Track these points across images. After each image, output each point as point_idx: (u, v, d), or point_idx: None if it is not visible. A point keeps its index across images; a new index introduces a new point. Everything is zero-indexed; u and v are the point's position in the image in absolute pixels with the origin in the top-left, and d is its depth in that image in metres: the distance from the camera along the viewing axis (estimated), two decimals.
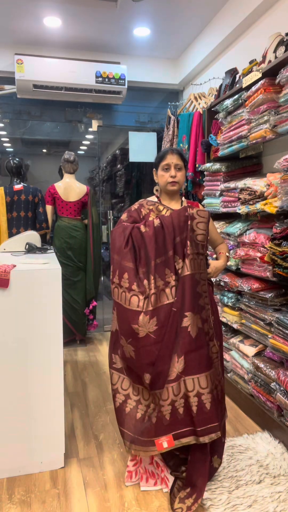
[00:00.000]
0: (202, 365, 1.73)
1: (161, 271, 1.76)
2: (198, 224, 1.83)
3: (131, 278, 1.74)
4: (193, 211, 1.84)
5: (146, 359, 1.73)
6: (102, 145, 5.32)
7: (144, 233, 1.80)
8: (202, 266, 1.82)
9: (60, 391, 1.98)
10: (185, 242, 1.79)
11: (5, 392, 1.91)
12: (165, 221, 1.82)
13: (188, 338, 1.72)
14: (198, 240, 1.81)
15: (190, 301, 1.74)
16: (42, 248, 2.84)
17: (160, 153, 2.02)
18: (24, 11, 3.39)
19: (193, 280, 1.76)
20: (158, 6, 3.30)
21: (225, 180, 2.85)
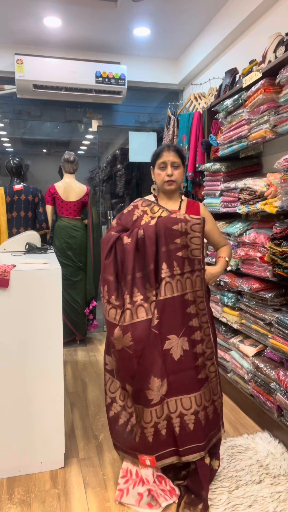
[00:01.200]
0: (187, 387, 1.70)
1: (140, 285, 1.70)
2: (193, 239, 1.71)
3: (110, 290, 1.72)
4: (187, 226, 1.70)
5: (125, 372, 1.73)
6: (102, 145, 5.32)
7: (125, 246, 1.73)
8: (198, 283, 1.72)
9: (60, 391, 1.98)
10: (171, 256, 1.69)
11: (5, 392, 1.91)
12: (147, 232, 1.71)
13: (170, 361, 1.69)
14: (193, 255, 1.70)
15: (173, 324, 1.69)
16: (42, 248, 2.84)
17: (156, 150, 1.92)
18: (24, 11, 3.39)
19: (180, 302, 1.69)
20: (158, 6, 3.30)
21: (225, 180, 2.85)
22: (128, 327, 1.68)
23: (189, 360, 1.71)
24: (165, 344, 1.68)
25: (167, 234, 1.70)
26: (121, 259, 1.73)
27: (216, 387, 1.80)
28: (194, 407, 1.70)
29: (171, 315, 1.69)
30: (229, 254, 1.97)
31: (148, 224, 1.75)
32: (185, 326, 1.70)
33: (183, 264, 1.70)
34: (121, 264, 1.73)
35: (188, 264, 1.70)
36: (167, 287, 1.69)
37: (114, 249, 1.75)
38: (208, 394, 1.77)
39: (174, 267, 1.70)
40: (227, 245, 2.00)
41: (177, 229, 1.70)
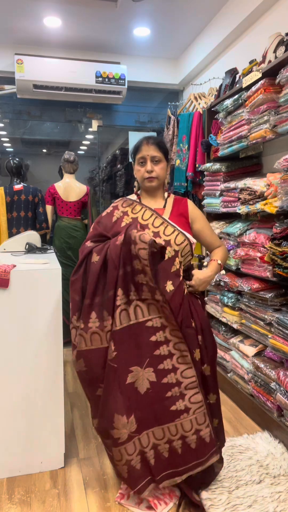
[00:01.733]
0: (159, 419, 1.55)
1: (98, 311, 1.54)
2: (145, 268, 1.49)
3: (73, 309, 1.59)
4: (135, 249, 1.47)
5: (89, 395, 1.63)
6: (102, 145, 5.32)
7: (91, 264, 1.56)
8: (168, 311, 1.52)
9: (60, 391, 1.98)
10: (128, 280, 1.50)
11: (5, 392, 1.91)
12: (111, 252, 1.52)
13: (135, 396, 1.52)
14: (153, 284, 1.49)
15: (133, 355, 1.52)
16: (42, 248, 2.84)
17: (135, 144, 1.75)
18: (24, 11, 3.39)
19: (140, 329, 1.52)
20: (158, 6, 3.30)
21: (225, 180, 2.85)
22: (83, 352, 1.56)
23: (158, 392, 1.54)
24: (127, 378, 1.52)
25: (124, 252, 1.51)
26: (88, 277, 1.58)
27: (202, 416, 1.57)
28: (168, 436, 1.57)
29: (130, 345, 1.52)
30: (223, 257, 1.79)
31: (115, 242, 1.55)
32: (149, 356, 1.52)
33: (141, 290, 1.51)
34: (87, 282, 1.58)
35: (149, 291, 1.51)
36: (123, 315, 1.51)
37: (84, 265, 1.59)
38: (188, 425, 1.57)
39: (130, 291, 1.52)
40: (221, 247, 1.83)
41: (132, 251, 1.49)
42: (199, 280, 1.64)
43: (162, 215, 1.68)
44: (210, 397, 1.68)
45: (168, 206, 1.73)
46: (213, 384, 1.69)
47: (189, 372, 1.54)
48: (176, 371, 1.53)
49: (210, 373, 1.65)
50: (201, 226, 1.76)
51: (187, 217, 1.72)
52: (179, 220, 1.69)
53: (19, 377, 1.92)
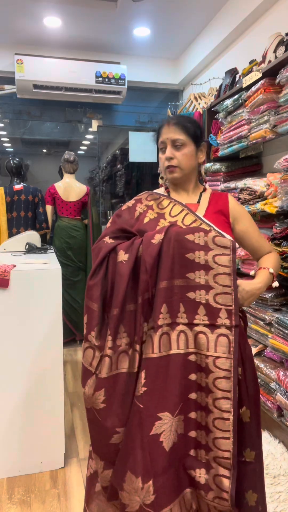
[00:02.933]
0: (177, 488, 1.14)
1: (128, 323, 1.19)
2: (218, 278, 1.14)
3: (91, 323, 1.21)
4: (207, 256, 1.14)
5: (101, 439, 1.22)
6: (102, 145, 5.32)
7: (119, 265, 1.20)
8: (222, 346, 1.12)
9: (60, 391, 1.98)
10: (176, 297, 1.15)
11: (5, 392, 1.91)
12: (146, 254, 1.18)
13: (159, 454, 1.10)
14: (217, 303, 1.13)
15: (167, 396, 1.13)
16: (42, 248, 2.84)
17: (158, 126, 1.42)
18: (24, 11, 3.39)
19: (180, 363, 1.14)
20: (158, 6, 3.30)
21: (225, 180, 2.85)
22: (106, 380, 1.16)
23: (182, 448, 1.15)
24: (153, 428, 1.11)
25: (175, 262, 1.16)
26: (112, 281, 1.22)
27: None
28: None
29: (164, 382, 1.13)
30: (275, 264, 1.38)
31: (150, 239, 1.20)
32: (184, 399, 1.14)
33: (195, 311, 1.14)
34: (111, 288, 1.21)
35: (206, 313, 1.14)
36: (164, 340, 1.14)
37: (105, 265, 1.23)
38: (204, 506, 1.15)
39: (178, 312, 1.15)
40: (272, 253, 1.43)
41: (192, 259, 1.15)
42: (245, 292, 1.23)
43: (195, 211, 1.34)
44: (247, 454, 1.19)
45: (204, 202, 1.40)
46: (253, 435, 1.20)
47: (223, 444, 1.10)
48: (209, 434, 1.12)
49: (250, 420, 1.19)
50: (246, 227, 1.40)
51: (227, 216, 1.38)
52: (217, 218, 1.35)
53: (19, 377, 1.92)
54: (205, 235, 1.16)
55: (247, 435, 1.19)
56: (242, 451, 1.19)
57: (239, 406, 1.18)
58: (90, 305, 1.23)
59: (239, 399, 1.17)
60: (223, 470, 1.09)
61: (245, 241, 1.41)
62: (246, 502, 1.19)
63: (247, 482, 1.19)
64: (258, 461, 1.21)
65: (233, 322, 1.11)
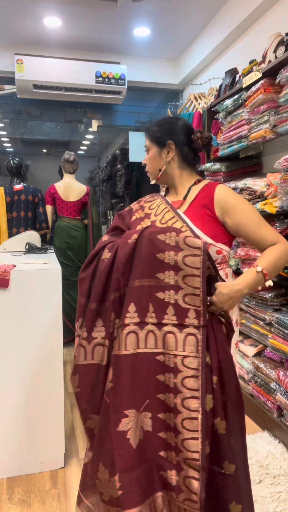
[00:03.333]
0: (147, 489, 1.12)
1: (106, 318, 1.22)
2: (187, 280, 1.12)
3: (78, 313, 1.28)
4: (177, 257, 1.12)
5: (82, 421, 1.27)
6: (102, 145, 5.32)
7: (101, 262, 1.25)
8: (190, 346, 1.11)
9: (60, 391, 1.98)
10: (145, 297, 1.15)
11: (5, 392, 1.91)
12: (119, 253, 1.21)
13: (125, 449, 1.11)
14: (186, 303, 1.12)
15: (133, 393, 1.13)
16: (42, 248, 2.84)
17: None
18: (24, 11, 3.39)
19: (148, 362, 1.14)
20: (158, 6, 3.30)
21: (225, 180, 2.85)
22: (78, 367, 1.23)
23: (151, 447, 1.12)
24: (119, 424, 1.12)
25: (146, 262, 1.16)
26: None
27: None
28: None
29: (130, 380, 1.14)
30: (273, 260, 1.24)
31: (127, 239, 1.22)
32: (151, 397, 1.13)
33: (164, 311, 1.14)
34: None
35: (175, 313, 1.13)
36: (130, 338, 1.15)
37: (96, 262, 1.28)
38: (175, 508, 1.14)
39: (148, 312, 1.15)
40: (276, 245, 1.28)
41: (161, 259, 1.14)
42: (222, 295, 1.16)
43: (179, 207, 1.33)
44: (226, 466, 1.14)
45: (191, 196, 1.35)
46: (232, 448, 1.15)
47: (192, 445, 1.08)
48: (178, 435, 1.11)
49: (227, 431, 1.14)
50: (238, 219, 1.27)
51: (212, 210, 1.29)
52: (199, 212, 1.29)
53: (19, 377, 1.92)
54: (177, 235, 1.15)
55: (225, 447, 1.14)
56: (221, 463, 1.15)
57: (214, 416, 1.14)
58: (79, 297, 1.28)
59: (213, 409, 1.14)
60: (192, 471, 1.08)
61: (242, 235, 1.30)
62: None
63: (228, 494, 1.15)
64: (241, 475, 1.16)
65: (201, 322, 1.11)
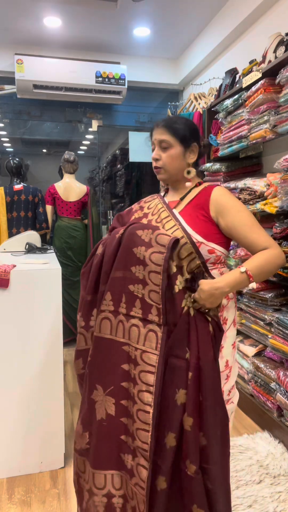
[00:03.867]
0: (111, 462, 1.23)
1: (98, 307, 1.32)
2: (151, 276, 1.15)
3: (79, 306, 1.37)
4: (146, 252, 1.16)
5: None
6: (102, 145, 5.32)
7: (95, 257, 1.34)
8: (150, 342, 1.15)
9: (60, 391, 1.98)
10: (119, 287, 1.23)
11: (5, 392, 1.91)
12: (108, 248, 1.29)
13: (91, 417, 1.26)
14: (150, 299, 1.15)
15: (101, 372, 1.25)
16: (42, 248, 2.84)
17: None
18: (24, 11, 3.39)
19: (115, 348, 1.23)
20: (158, 6, 3.30)
21: (225, 180, 2.85)
22: (80, 352, 1.36)
23: (113, 430, 1.22)
24: (92, 393, 1.26)
25: (124, 255, 1.22)
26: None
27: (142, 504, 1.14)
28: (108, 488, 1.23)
29: (101, 360, 1.25)
30: (262, 264, 1.22)
31: (115, 233, 1.29)
32: (115, 384, 1.21)
33: (133, 303, 1.19)
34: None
35: (141, 307, 1.17)
36: (104, 324, 1.25)
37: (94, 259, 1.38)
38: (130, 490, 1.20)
39: (121, 302, 1.22)
40: (268, 249, 1.25)
41: (135, 253, 1.19)
42: (203, 292, 1.16)
43: (175, 207, 1.36)
44: (187, 465, 1.12)
45: (188, 198, 1.37)
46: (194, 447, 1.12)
47: (142, 436, 1.14)
48: (133, 423, 1.17)
49: (192, 429, 1.12)
50: (231, 221, 1.27)
51: (207, 210, 1.30)
52: (194, 212, 1.31)
53: (19, 377, 1.92)
54: (152, 232, 1.19)
55: (189, 445, 1.12)
56: (184, 460, 1.13)
57: (182, 411, 1.14)
58: (81, 292, 1.37)
59: (184, 405, 1.14)
60: (143, 460, 1.14)
61: (234, 237, 1.30)
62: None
63: (190, 496, 1.13)
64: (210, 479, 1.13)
65: (161, 320, 1.14)
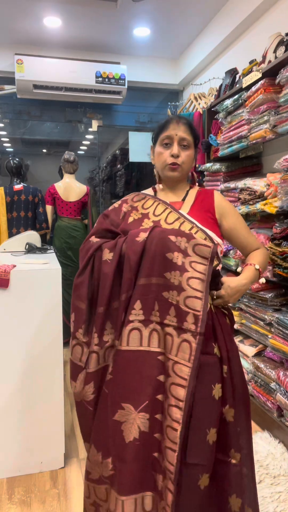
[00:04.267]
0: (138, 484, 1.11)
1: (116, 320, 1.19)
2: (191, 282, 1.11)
3: (77, 321, 1.23)
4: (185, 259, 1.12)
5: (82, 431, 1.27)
6: (102, 145, 5.32)
7: (103, 264, 1.21)
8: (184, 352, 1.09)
9: (60, 391, 1.98)
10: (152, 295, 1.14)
11: (5, 392, 1.91)
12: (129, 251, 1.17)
13: (118, 441, 1.12)
14: (187, 306, 1.10)
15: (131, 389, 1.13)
16: (42, 248, 2.84)
17: (162, 121, 1.37)
18: (24, 11, 3.39)
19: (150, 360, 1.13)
20: (158, 6, 3.30)
21: (225, 180, 2.85)
22: (92, 374, 1.19)
23: (146, 448, 1.11)
24: (116, 414, 1.13)
25: (155, 260, 1.15)
26: (98, 279, 1.23)
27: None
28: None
29: (130, 375, 1.13)
30: (262, 261, 1.36)
31: (134, 237, 1.20)
32: (150, 398, 1.11)
33: (167, 311, 1.13)
34: (97, 286, 1.23)
35: (176, 315, 1.12)
36: (133, 335, 1.14)
37: (92, 264, 1.24)
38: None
39: (153, 310, 1.14)
40: (260, 249, 1.41)
41: (170, 258, 1.13)
42: (230, 289, 1.22)
43: (179, 209, 1.33)
44: (232, 454, 1.17)
45: (189, 199, 1.38)
46: (238, 436, 1.19)
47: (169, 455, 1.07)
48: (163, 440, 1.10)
49: (234, 419, 1.18)
50: (233, 223, 1.36)
51: (213, 212, 1.35)
52: (202, 215, 1.33)
53: (19, 377, 1.92)
54: (187, 241, 1.15)
55: (231, 435, 1.17)
56: (227, 451, 1.17)
57: (223, 404, 1.16)
58: (77, 304, 1.23)
59: (222, 397, 1.16)
60: (170, 483, 1.06)
61: (233, 238, 1.38)
62: (230, 507, 1.15)
63: (231, 486, 1.15)
64: (245, 464, 1.18)
65: (198, 328, 1.08)
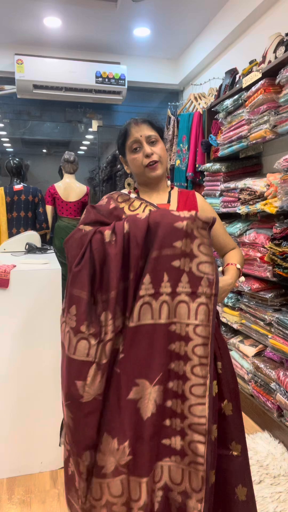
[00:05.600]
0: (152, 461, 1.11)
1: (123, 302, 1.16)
2: (202, 248, 1.14)
3: (80, 314, 1.14)
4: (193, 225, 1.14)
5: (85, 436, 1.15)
6: (102, 145, 5.32)
7: (107, 246, 1.16)
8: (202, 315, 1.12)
9: (60, 391, 1.98)
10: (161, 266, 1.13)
11: (5, 392, 1.91)
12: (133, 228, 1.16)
13: (135, 420, 1.10)
14: (200, 271, 1.12)
15: (145, 364, 1.12)
16: (42, 248, 2.84)
17: (120, 130, 1.39)
18: (24, 11, 3.39)
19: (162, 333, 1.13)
20: (158, 6, 3.30)
21: (225, 180, 2.85)
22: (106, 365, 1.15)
23: (158, 418, 1.12)
24: (130, 392, 1.11)
25: (164, 232, 1.14)
26: (100, 264, 1.16)
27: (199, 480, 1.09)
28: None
29: (143, 351, 1.12)
30: (240, 260, 1.42)
31: (135, 216, 1.19)
32: (163, 369, 1.12)
33: (178, 280, 1.13)
34: (100, 273, 1.16)
35: (189, 281, 1.13)
36: (144, 310, 1.12)
37: (89, 250, 1.17)
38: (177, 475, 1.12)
39: (162, 282, 1.13)
40: (236, 249, 1.47)
41: (179, 227, 1.14)
42: (221, 289, 1.26)
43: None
44: (233, 447, 1.24)
45: (173, 201, 1.39)
46: (237, 428, 1.25)
47: (198, 410, 1.10)
48: (185, 401, 1.12)
49: (233, 413, 1.24)
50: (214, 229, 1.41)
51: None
52: None
53: (19, 377, 1.92)
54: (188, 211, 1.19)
55: (232, 428, 1.24)
56: (228, 445, 1.23)
57: (221, 399, 1.22)
58: (78, 293, 1.15)
59: (219, 393, 1.22)
60: (198, 436, 1.10)
61: (214, 239, 1.40)
62: (237, 497, 1.21)
63: (236, 477, 1.22)
64: (244, 454, 1.26)
65: (213, 290, 1.12)
